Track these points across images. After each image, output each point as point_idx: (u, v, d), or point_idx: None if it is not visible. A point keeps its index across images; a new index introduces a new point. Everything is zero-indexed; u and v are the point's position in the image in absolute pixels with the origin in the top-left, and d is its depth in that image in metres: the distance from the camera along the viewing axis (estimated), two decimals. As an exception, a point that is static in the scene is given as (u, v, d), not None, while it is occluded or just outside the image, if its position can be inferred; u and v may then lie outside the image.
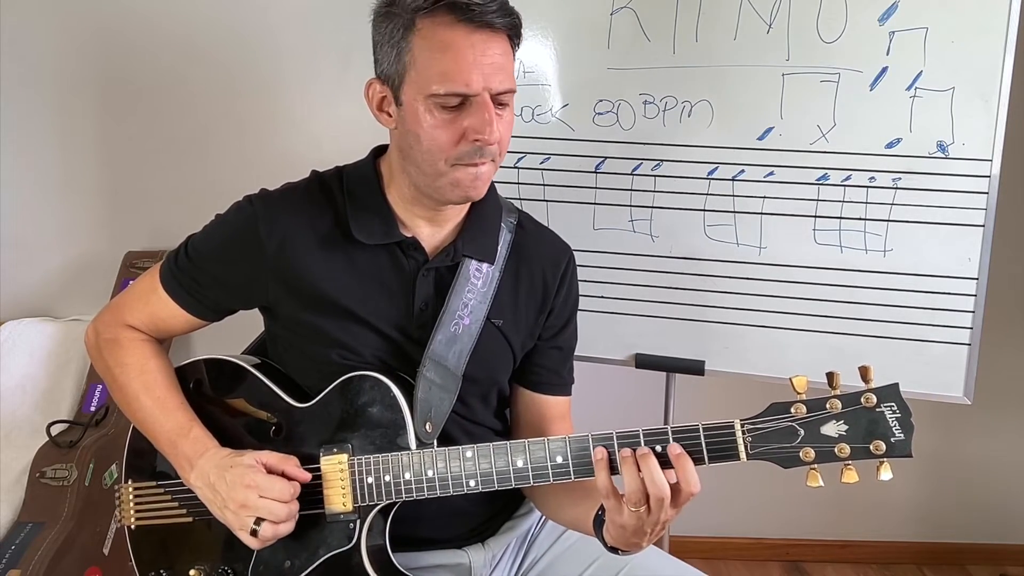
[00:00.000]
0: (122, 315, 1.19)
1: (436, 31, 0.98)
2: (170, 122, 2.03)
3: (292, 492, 1.03)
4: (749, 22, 1.45)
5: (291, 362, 1.16)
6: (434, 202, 1.09)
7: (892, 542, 2.30)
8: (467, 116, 1.00)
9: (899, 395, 0.90)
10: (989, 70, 1.36)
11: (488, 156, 1.02)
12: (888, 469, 0.90)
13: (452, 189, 1.04)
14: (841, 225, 1.47)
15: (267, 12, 1.97)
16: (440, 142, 1.01)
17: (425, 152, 1.02)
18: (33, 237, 2.08)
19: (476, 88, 0.98)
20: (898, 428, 0.90)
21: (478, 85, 0.98)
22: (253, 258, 1.10)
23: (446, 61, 0.98)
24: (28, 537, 1.54)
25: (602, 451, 0.95)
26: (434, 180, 1.04)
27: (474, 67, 0.98)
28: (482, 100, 0.99)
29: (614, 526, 0.97)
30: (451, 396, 1.10)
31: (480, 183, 1.04)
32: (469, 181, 1.03)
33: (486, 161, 1.03)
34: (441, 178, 1.03)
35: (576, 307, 1.25)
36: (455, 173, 1.03)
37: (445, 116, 1.00)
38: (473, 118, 0.99)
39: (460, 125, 1.00)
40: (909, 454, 0.90)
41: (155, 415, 1.13)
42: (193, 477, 1.08)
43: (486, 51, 0.99)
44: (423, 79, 0.99)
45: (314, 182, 1.15)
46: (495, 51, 0.99)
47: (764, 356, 1.53)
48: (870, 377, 0.91)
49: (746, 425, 0.93)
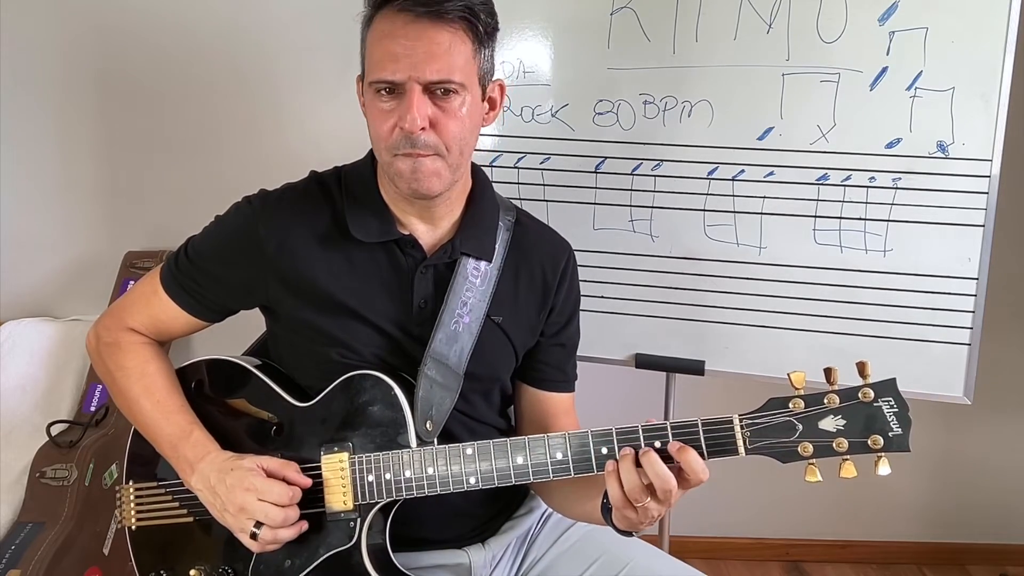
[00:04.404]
0: (123, 318, 1.19)
1: (381, 22, 1.01)
2: (170, 122, 2.03)
3: (291, 496, 1.02)
4: (749, 22, 1.45)
5: (292, 362, 1.16)
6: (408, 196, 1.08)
7: (892, 542, 2.30)
8: (399, 105, 1.00)
9: (896, 390, 0.91)
10: (989, 70, 1.36)
11: (424, 148, 1.01)
12: (886, 464, 0.90)
13: (399, 180, 1.04)
14: (841, 225, 1.47)
15: (267, 11, 1.97)
16: (380, 131, 1.03)
17: (373, 142, 1.06)
18: (33, 237, 2.08)
19: (399, 76, 0.99)
20: (895, 423, 0.90)
21: (403, 74, 0.98)
22: (253, 258, 1.11)
23: (380, 50, 1.00)
24: (28, 537, 1.54)
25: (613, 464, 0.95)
26: (387, 171, 1.06)
27: (402, 56, 0.98)
28: (408, 88, 0.99)
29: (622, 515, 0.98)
30: (452, 394, 1.10)
31: (422, 176, 1.03)
32: (409, 172, 1.02)
33: (427, 153, 1.01)
34: (390, 169, 1.05)
35: (578, 304, 1.25)
36: (397, 164, 1.03)
37: (383, 105, 1.01)
38: (401, 107, 1.00)
39: (395, 115, 1.01)
40: (907, 448, 0.90)
41: (156, 418, 1.13)
42: (194, 480, 1.08)
43: (420, 39, 0.98)
44: (368, 70, 1.03)
45: (313, 182, 1.15)
46: (432, 39, 0.98)
47: (764, 356, 1.54)
48: (867, 372, 0.91)
49: (744, 420, 0.94)
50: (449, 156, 1.03)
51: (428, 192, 1.05)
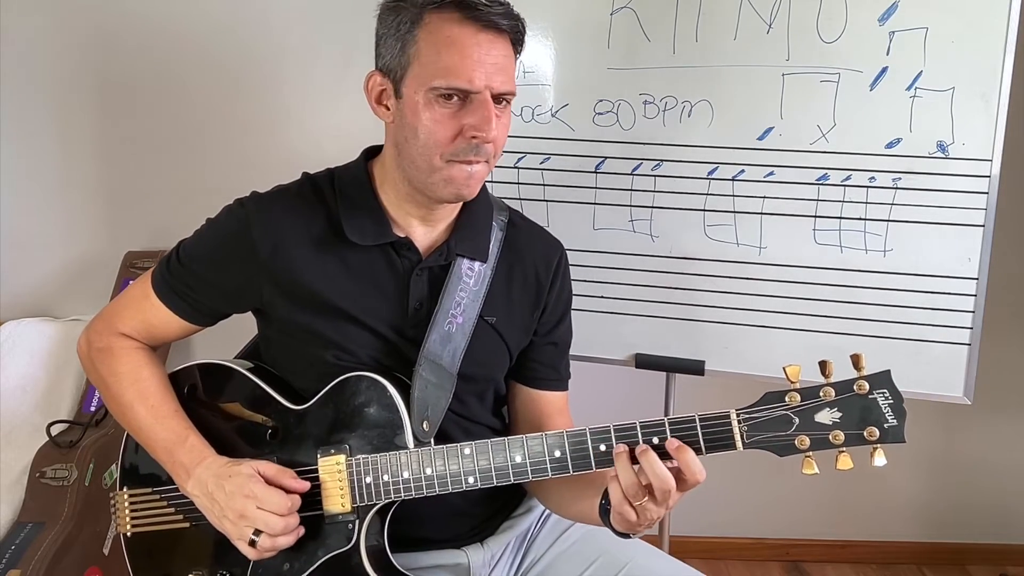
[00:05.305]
0: (114, 323, 1.18)
1: (443, 26, 1.00)
2: (170, 122, 2.03)
3: (290, 505, 1.02)
4: (749, 22, 1.45)
5: (286, 364, 1.16)
6: (427, 200, 1.09)
7: (892, 542, 2.30)
8: (467, 113, 1.01)
9: (891, 382, 0.92)
10: (989, 70, 1.36)
11: (483, 155, 1.03)
12: (882, 455, 0.91)
13: (445, 186, 1.04)
14: (841, 225, 1.47)
15: (267, 11, 1.97)
16: (437, 137, 1.02)
17: (421, 146, 1.03)
18: (33, 237, 2.08)
19: (478, 85, 1.00)
20: (891, 414, 0.91)
21: (480, 83, 1.00)
22: (246, 261, 1.10)
23: (451, 56, 0.99)
24: (28, 537, 1.54)
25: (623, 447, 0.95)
26: (428, 176, 1.05)
27: (478, 65, 0.99)
28: (483, 98, 1.00)
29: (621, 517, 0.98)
30: (447, 394, 1.10)
31: (474, 182, 1.05)
32: (463, 179, 1.04)
33: (481, 160, 1.04)
34: (435, 174, 1.04)
35: (570, 302, 1.26)
36: (450, 170, 1.03)
37: (445, 111, 1.01)
38: (473, 115, 1.01)
39: (459, 121, 1.01)
40: (902, 439, 0.91)
41: (150, 424, 1.12)
42: (190, 486, 1.08)
43: (490, 51, 1.00)
44: (427, 72, 1.00)
45: (306, 184, 1.15)
46: (498, 52, 1.01)
47: (764, 356, 1.53)
48: (862, 365, 0.92)
49: (742, 414, 0.94)
50: (492, 162, 1.07)
51: (470, 196, 1.08)
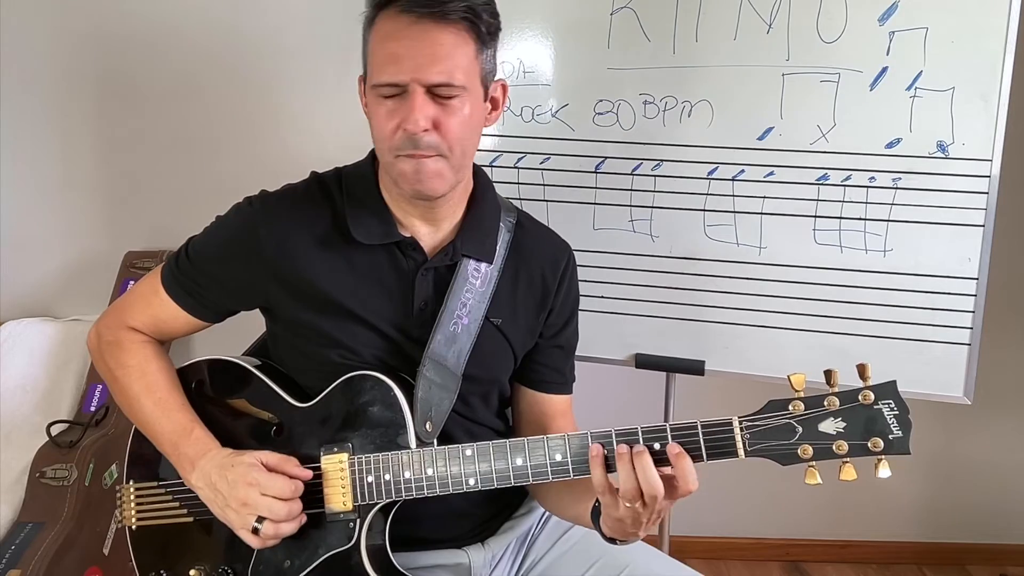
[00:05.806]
0: (124, 317, 1.19)
1: (383, 23, 1.01)
2: (171, 122, 2.03)
3: (293, 490, 1.03)
4: (749, 22, 1.45)
5: (291, 362, 1.16)
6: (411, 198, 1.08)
7: (892, 542, 2.30)
8: (402, 107, 1.00)
9: (897, 393, 0.91)
10: (989, 70, 1.36)
11: (428, 149, 1.01)
12: (886, 466, 0.90)
13: (402, 182, 1.04)
14: (841, 225, 1.47)
15: (268, 12, 1.97)
16: (383, 132, 1.02)
17: (377, 143, 1.06)
18: (33, 237, 2.08)
19: (402, 78, 0.99)
20: (896, 425, 0.90)
21: (405, 76, 0.98)
22: (253, 259, 1.10)
23: (382, 52, 1.00)
24: (28, 537, 1.54)
25: (598, 448, 0.96)
26: (390, 172, 1.06)
27: (404, 58, 0.98)
28: (411, 90, 0.99)
29: (611, 519, 0.98)
30: (451, 395, 1.10)
31: (426, 177, 1.02)
32: (412, 173, 1.02)
33: (429, 154, 1.01)
34: (392, 170, 1.05)
35: (577, 305, 1.25)
36: (399, 165, 1.03)
37: (387, 107, 1.01)
38: (404, 108, 1.00)
39: (397, 116, 1.01)
40: (907, 451, 0.90)
41: (157, 416, 1.13)
42: (194, 477, 1.09)
43: (423, 40, 0.98)
44: (372, 71, 1.03)
45: (313, 183, 1.15)
46: (435, 41, 0.98)
47: (764, 356, 1.53)
48: (868, 375, 0.91)
49: (744, 422, 0.93)
50: (451, 157, 1.03)
51: (431, 193, 1.05)
